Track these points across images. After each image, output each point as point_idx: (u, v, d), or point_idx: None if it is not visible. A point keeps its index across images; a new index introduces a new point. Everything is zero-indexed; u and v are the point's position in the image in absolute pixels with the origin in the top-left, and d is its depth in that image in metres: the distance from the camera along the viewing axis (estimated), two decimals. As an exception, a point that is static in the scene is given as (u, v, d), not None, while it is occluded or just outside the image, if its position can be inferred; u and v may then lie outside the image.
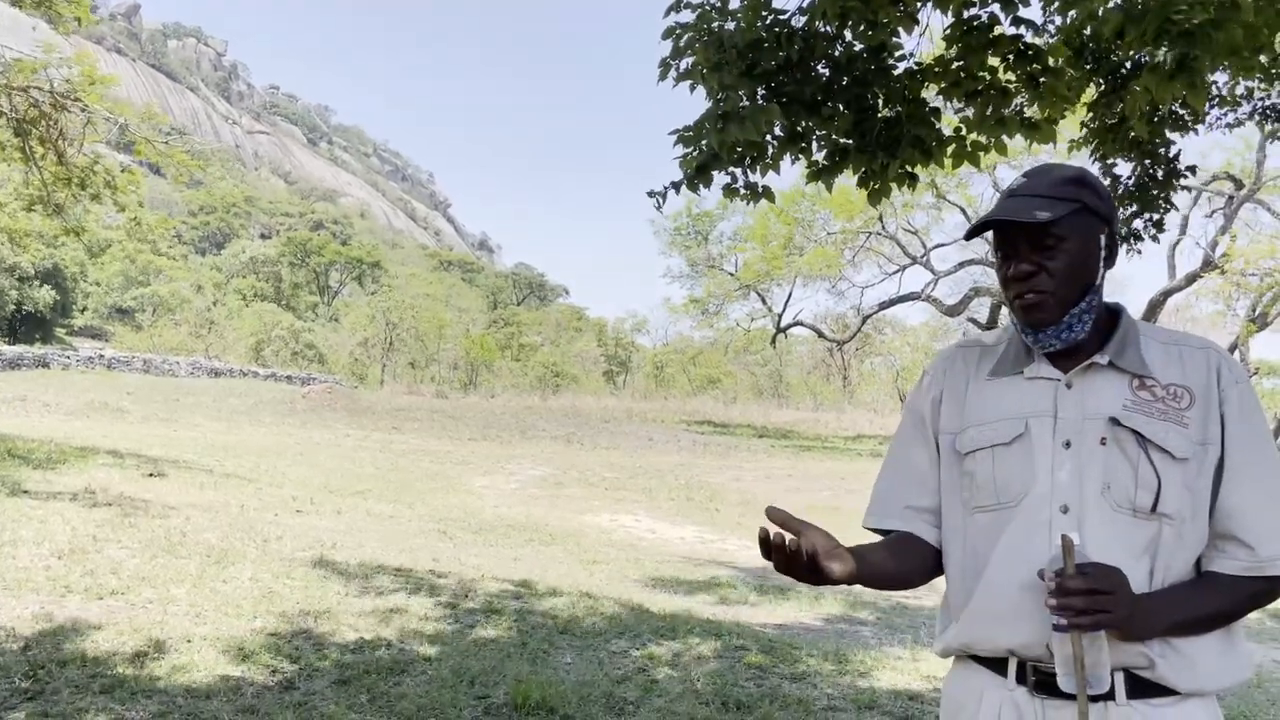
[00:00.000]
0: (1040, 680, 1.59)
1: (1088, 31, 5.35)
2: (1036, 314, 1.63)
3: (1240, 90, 7.79)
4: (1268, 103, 7.95)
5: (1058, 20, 5.48)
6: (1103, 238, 1.65)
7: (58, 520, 7.66)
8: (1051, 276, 1.61)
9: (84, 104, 12.80)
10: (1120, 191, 6.66)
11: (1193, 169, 6.91)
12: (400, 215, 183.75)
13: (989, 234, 1.70)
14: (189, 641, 4.86)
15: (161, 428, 20.85)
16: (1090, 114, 6.15)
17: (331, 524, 9.55)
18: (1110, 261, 1.67)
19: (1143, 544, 1.56)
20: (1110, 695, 1.54)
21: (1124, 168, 6.78)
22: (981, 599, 1.65)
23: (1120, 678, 1.55)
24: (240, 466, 14.31)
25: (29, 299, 47.30)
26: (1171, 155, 6.56)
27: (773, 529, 1.53)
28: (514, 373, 52.49)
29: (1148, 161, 6.43)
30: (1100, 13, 4.95)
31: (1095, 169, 6.50)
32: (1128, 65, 5.63)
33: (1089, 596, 1.46)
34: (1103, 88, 5.83)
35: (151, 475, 11.62)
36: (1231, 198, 28.47)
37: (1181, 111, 6.16)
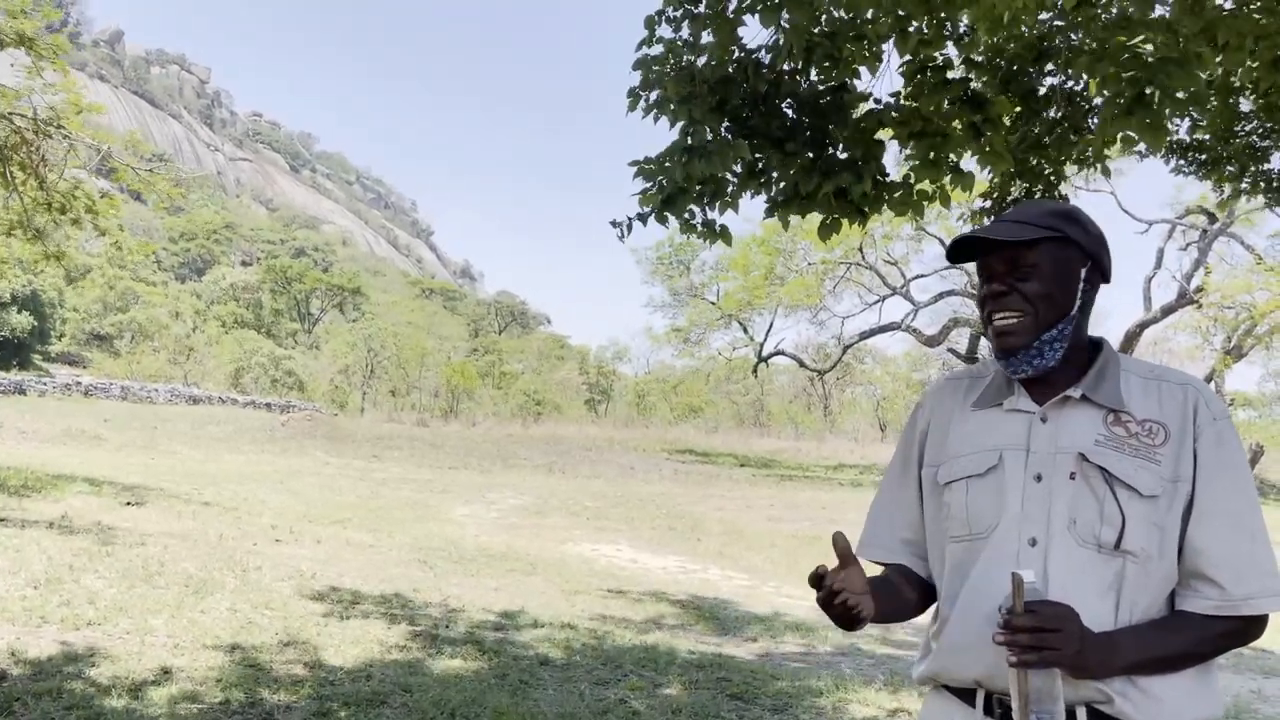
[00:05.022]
0: (1006, 712, 1.59)
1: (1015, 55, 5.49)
2: (1008, 338, 1.66)
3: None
4: (1175, 137, 7.99)
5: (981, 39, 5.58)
6: (1084, 271, 1.67)
7: (33, 549, 7.59)
8: (1024, 299, 1.64)
9: (67, 131, 12.77)
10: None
11: (1065, 198, 6.96)
12: (382, 243, 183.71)
13: (972, 265, 1.75)
14: (167, 672, 4.82)
15: (139, 455, 20.68)
16: (1011, 137, 6.22)
17: (311, 553, 9.48)
18: (1090, 296, 1.69)
19: (1108, 580, 1.57)
20: None
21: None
22: (951, 629, 1.67)
23: (1082, 712, 1.56)
24: (219, 495, 14.20)
25: (5, 324, 46.89)
26: (1059, 184, 6.60)
27: (831, 564, 1.61)
28: (495, 401, 52.33)
29: (1039, 188, 6.45)
30: (1030, 38, 5.09)
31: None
32: (1041, 90, 5.73)
33: (1035, 634, 1.47)
34: (1018, 111, 5.91)
35: (129, 503, 11.53)
36: (1205, 231, 28.88)
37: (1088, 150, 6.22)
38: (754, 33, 4.90)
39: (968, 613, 1.64)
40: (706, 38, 4.88)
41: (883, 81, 5.17)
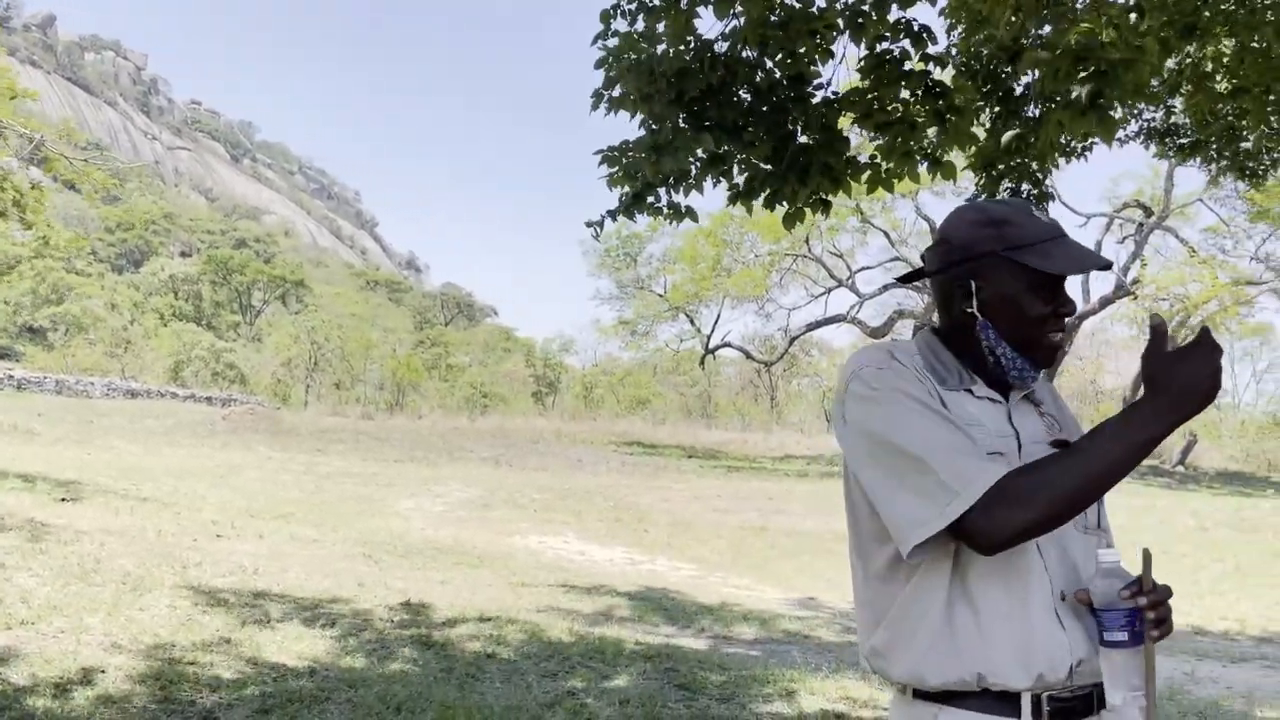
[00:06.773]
0: (1057, 711, 1.53)
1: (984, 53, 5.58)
2: (1053, 354, 1.69)
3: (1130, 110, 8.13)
4: (1153, 124, 8.28)
5: (957, 41, 5.67)
6: None
7: (-37, 548, 7.37)
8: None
9: (-2, 118, 12.43)
10: None
11: (1052, 195, 7.23)
12: (326, 233, 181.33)
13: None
14: (104, 672, 4.71)
15: (75, 450, 20.19)
16: (987, 137, 6.32)
17: (253, 548, 9.33)
18: None
19: (1088, 559, 1.62)
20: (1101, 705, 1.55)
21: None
22: (1002, 624, 1.53)
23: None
24: (158, 490, 13.92)
25: (-67, 317, 45.58)
26: (1043, 180, 6.76)
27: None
28: (441, 393, 51.91)
29: (1026, 185, 6.58)
30: (1004, 39, 5.16)
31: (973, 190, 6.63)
32: (1019, 90, 5.84)
33: (1165, 607, 1.49)
34: (997, 111, 6.01)
35: (64, 499, 11.24)
36: (1141, 225, 29.56)
37: (1073, 141, 6.41)
38: (709, 24, 4.92)
39: (1025, 603, 1.53)
40: (661, 29, 4.89)
41: (844, 73, 5.23)
